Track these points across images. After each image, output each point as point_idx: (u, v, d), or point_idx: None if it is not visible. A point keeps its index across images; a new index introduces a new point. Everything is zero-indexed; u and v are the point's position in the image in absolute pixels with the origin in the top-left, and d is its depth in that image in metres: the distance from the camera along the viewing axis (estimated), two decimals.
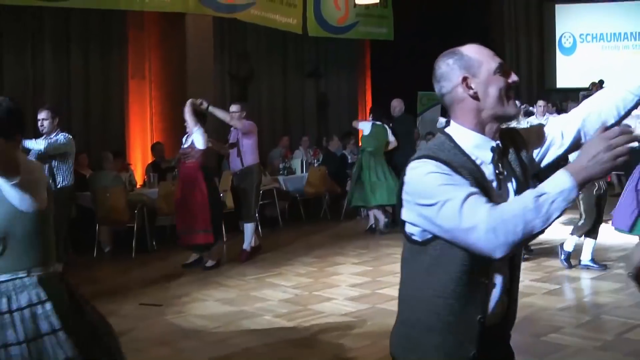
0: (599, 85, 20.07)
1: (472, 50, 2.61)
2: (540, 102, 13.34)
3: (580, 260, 9.29)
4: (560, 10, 23.51)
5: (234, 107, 10.66)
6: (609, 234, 11.70)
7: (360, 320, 7.32)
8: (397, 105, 13.04)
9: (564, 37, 23.38)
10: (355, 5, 16.06)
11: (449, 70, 2.57)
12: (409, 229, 2.52)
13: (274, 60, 16.91)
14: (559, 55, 23.27)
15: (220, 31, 15.00)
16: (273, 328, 7.13)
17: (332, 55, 18.11)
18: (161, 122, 13.75)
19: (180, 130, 10.46)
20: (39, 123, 8.43)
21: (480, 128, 2.53)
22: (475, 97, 2.53)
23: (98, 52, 13.33)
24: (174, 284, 9.13)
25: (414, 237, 2.51)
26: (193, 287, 8.90)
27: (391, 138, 12.48)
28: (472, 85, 2.52)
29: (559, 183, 2.22)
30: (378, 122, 12.42)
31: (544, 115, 12.66)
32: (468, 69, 2.55)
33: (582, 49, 23.24)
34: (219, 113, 10.32)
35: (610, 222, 12.31)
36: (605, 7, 23.10)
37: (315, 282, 9.13)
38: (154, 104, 13.81)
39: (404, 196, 2.46)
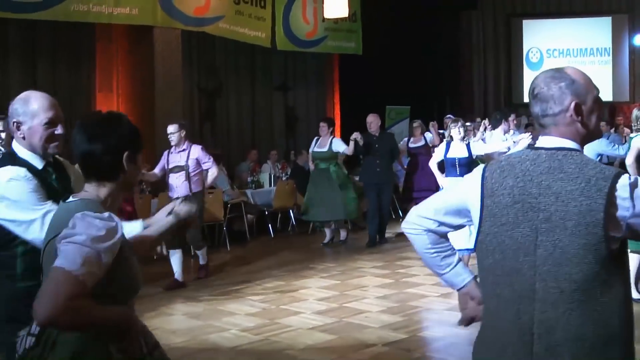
0: None
1: (580, 76, 2.73)
2: (512, 116, 13.45)
3: None
4: (528, 25, 23.73)
5: (171, 128, 9.96)
6: None
7: (328, 334, 7.31)
8: (372, 121, 12.78)
9: (531, 52, 23.59)
10: (324, 19, 16.09)
11: (561, 94, 2.66)
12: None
13: (242, 74, 16.89)
14: (526, 70, 23.46)
15: (189, 45, 14.97)
16: (240, 342, 7.10)
17: (301, 69, 18.13)
18: None
19: (149, 144, 10.38)
20: None
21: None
22: (582, 122, 2.65)
23: (65, 65, 13.24)
24: (140, 298, 9.06)
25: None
26: (160, 302, 8.85)
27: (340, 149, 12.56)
28: (583, 112, 2.65)
29: None
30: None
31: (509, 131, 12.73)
32: (578, 95, 2.66)
33: (549, 64, 23.41)
34: None
35: None
36: (571, 23, 23.36)
37: (282, 295, 9.10)
38: None
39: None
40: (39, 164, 3.56)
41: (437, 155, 10.28)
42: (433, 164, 10.29)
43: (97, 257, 2.50)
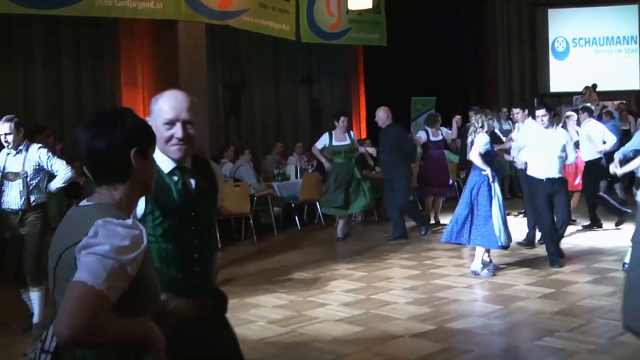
0: (592, 89, 20.13)
1: None
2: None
3: None
4: (553, 14, 23.59)
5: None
6: (603, 238, 11.76)
7: (355, 326, 7.31)
8: (382, 116, 12.60)
9: (557, 41, 23.46)
10: (348, 11, 16.04)
11: None
12: None
13: (266, 68, 16.91)
14: (552, 60, 23.35)
15: (213, 39, 14.99)
16: (267, 334, 7.11)
17: (325, 62, 18.12)
18: None
19: None
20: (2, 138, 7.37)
21: None
22: None
23: (89, 61, 13.32)
24: None
25: None
26: None
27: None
28: None
29: None
30: None
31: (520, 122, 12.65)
32: None
33: (575, 53, 23.32)
34: None
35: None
36: (597, 11, 23.18)
37: (309, 287, 9.11)
38: (147, 113, 13.75)
39: None
40: (166, 166, 3.38)
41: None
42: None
43: (121, 269, 2.32)
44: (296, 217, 13.98)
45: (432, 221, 13.73)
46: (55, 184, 7.48)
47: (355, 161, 12.98)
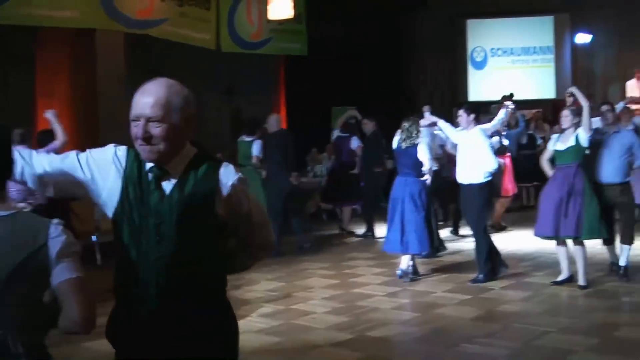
0: (509, 97, 20.47)
1: None
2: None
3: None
4: (472, 25, 23.97)
5: None
6: (521, 243, 11.98)
7: (274, 337, 7.30)
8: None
9: (476, 51, 23.82)
10: (269, 20, 16.03)
11: None
12: None
13: (187, 77, 16.48)
14: (470, 69, 23.70)
15: (132, 48, 14.83)
16: None
17: (247, 71, 18.07)
18: (71, 143, 13.50)
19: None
20: None
21: None
22: None
23: (4, 69, 13.04)
24: None
25: None
26: None
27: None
28: None
29: None
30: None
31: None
32: None
33: (493, 63, 23.71)
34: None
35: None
36: (514, 22, 23.64)
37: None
38: (63, 124, 13.53)
39: None
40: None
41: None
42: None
43: None
44: None
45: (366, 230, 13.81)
46: None
47: None
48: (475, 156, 9.41)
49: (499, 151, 12.46)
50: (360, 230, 13.84)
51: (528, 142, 16.17)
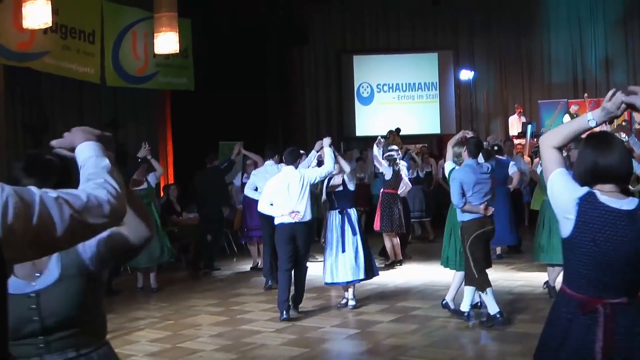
0: (396, 132, 20.79)
1: None
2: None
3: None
4: (358, 61, 24.30)
5: None
6: (407, 277, 12.08)
7: None
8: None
9: (362, 87, 24.13)
10: (155, 55, 15.84)
11: None
12: None
13: (70, 110, 16.42)
14: (357, 104, 23.98)
15: (12, 79, 14.44)
16: None
17: (131, 105, 17.80)
18: None
19: None
20: None
21: None
22: None
23: None
24: None
25: None
26: None
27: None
28: None
29: None
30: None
31: None
32: None
33: (379, 98, 24.05)
34: None
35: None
36: (400, 59, 24.07)
37: (112, 338, 8.76)
38: None
39: None
40: None
41: None
42: None
43: None
44: None
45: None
46: None
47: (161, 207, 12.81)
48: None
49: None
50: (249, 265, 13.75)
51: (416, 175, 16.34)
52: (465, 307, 8.74)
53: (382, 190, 13.20)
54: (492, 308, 8.42)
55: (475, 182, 8.39)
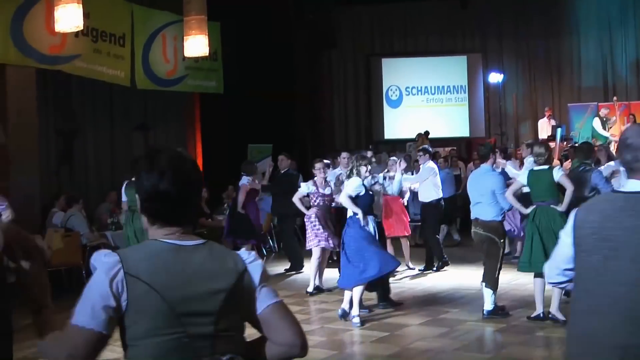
0: (424, 136, 20.76)
1: None
2: (344, 154, 12.69)
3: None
4: (387, 64, 24.30)
5: None
6: (434, 280, 12.05)
7: None
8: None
9: (391, 90, 24.13)
10: (184, 58, 15.93)
11: None
12: None
13: (100, 114, 16.57)
14: (386, 108, 23.99)
15: (44, 84, 14.59)
16: None
17: (161, 108, 17.92)
18: None
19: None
20: None
21: None
22: None
23: None
24: None
25: None
26: None
27: None
28: None
29: None
30: None
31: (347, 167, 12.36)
32: None
33: (408, 102, 24.04)
34: None
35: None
36: (428, 62, 24.05)
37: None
38: None
39: None
40: None
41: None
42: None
43: None
44: None
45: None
46: None
47: None
48: None
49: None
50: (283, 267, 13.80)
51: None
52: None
53: None
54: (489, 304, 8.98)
55: None
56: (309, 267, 11.63)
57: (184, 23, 14.73)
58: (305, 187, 11.54)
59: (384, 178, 12.01)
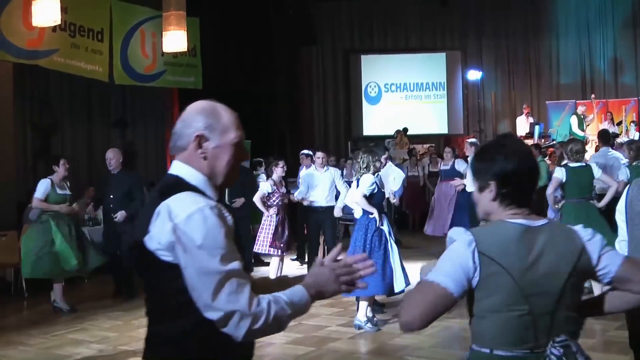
0: (403, 132, 20.81)
1: None
2: (319, 154, 12.38)
3: None
4: (366, 61, 24.33)
5: None
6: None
7: None
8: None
9: (370, 86, 24.16)
10: (163, 54, 15.86)
11: None
12: None
13: (78, 110, 16.47)
14: (365, 104, 24.02)
15: (21, 78, 14.49)
16: None
17: (140, 104, 17.84)
18: None
19: None
20: None
21: None
22: None
23: None
24: None
25: None
26: None
27: None
28: None
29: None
30: None
31: (323, 167, 12.12)
32: None
33: (387, 98, 24.10)
34: None
35: None
36: (408, 58, 24.12)
37: (120, 336, 8.84)
38: None
39: None
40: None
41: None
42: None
43: None
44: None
45: None
46: None
47: None
48: None
49: None
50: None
51: None
52: None
53: None
54: None
55: None
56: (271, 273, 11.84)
57: (163, 18, 14.65)
58: (265, 187, 11.66)
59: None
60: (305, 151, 13.66)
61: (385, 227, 8.88)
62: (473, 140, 14.02)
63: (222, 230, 2.50)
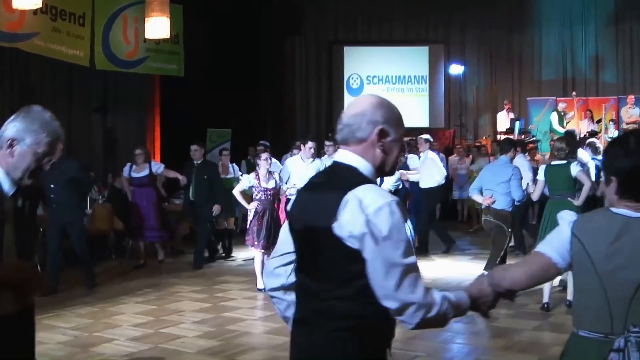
0: None
1: None
2: (310, 143, 12.01)
3: None
4: (349, 52, 24.30)
5: None
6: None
7: None
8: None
9: (352, 78, 24.14)
10: (145, 40, 15.77)
11: None
12: None
13: (59, 94, 16.34)
14: (347, 96, 23.97)
15: (1, 61, 14.37)
16: None
17: (121, 90, 17.72)
18: None
19: None
20: None
21: None
22: None
23: None
24: None
25: None
26: None
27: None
28: None
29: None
30: None
31: (310, 158, 11.75)
32: None
33: (368, 90, 24.02)
34: None
35: None
36: (390, 51, 24.10)
37: (96, 322, 8.78)
38: None
39: None
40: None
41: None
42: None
43: None
44: None
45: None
46: None
47: None
48: None
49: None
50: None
51: None
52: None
53: None
54: None
55: None
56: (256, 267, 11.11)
57: (146, 4, 14.57)
58: (246, 180, 10.80)
59: None
60: (263, 142, 13.54)
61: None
62: (426, 136, 14.12)
63: (405, 225, 2.72)
